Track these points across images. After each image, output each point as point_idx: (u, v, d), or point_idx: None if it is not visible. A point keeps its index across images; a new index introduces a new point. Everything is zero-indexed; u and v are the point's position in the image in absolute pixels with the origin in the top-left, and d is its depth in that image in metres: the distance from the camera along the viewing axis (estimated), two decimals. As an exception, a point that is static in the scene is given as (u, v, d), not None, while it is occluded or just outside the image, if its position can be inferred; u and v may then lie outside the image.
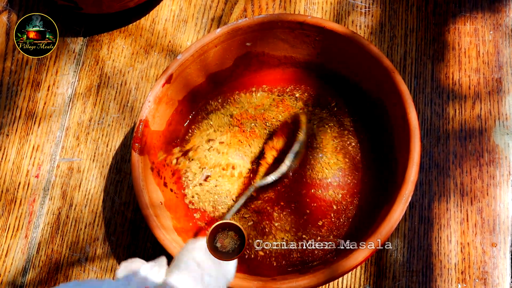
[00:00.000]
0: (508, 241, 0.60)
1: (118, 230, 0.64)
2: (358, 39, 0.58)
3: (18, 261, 0.64)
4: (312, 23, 0.60)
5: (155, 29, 0.73)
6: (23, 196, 0.67)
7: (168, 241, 0.54)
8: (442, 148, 0.64)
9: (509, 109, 0.64)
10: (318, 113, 0.63)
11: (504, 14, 0.68)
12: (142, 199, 0.56)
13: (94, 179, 0.67)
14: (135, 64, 0.71)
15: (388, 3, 0.70)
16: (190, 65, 0.61)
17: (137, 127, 0.59)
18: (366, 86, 0.61)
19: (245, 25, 0.61)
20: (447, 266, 0.60)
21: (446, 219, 0.61)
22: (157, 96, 0.60)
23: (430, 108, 0.65)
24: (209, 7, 0.73)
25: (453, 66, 0.67)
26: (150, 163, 0.59)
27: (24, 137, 0.70)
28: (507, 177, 0.62)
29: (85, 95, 0.71)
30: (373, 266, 0.60)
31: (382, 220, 0.53)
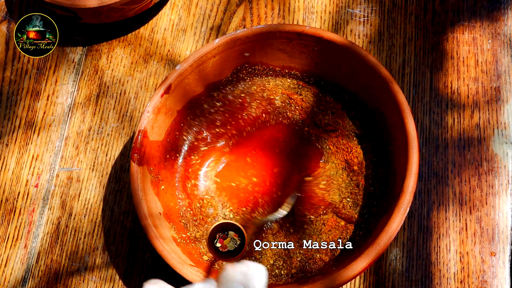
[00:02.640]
0: (507, 250, 0.60)
1: (118, 239, 0.64)
2: (355, 49, 0.58)
3: (18, 271, 0.64)
4: (310, 33, 0.60)
5: (154, 38, 0.73)
6: (23, 205, 0.67)
7: (167, 251, 0.55)
8: (441, 157, 0.64)
9: (507, 118, 0.65)
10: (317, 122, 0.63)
11: (502, 23, 0.68)
12: (141, 209, 0.56)
13: (93, 189, 0.67)
14: (134, 74, 0.72)
15: (387, 12, 0.71)
16: (189, 75, 0.61)
17: (136, 137, 0.59)
18: (364, 96, 0.61)
19: (243, 35, 0.61)
20: (446, 275, 0.60)
21: (445, 228, 0.61)
22: (156, 106, 0.60)
23: (429, 117, 0.65)
24: (208, 16, 0.73)
25: (452, 75, 0.67)
26: (149, 173, 0.59)
27: (23, 146, 0.70)
28: (506, 186, 0.62)
29: (84, 105, 0.71)
30: (372, 276, 0.60)
31: (381, 230, 0.53)
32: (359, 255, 0.52)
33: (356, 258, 0.52)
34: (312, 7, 0.72)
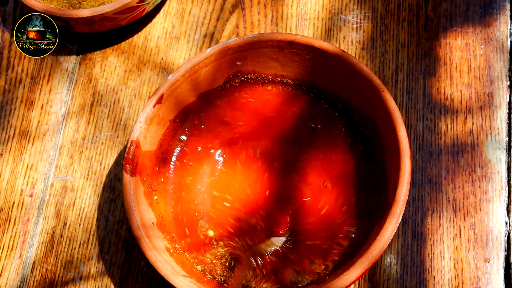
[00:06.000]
0: (501, 256, 0.60)
1: (112, 248, 0.64)
2: (347, 57, 0.59)
3: (13, 281, 0.65)
4: (301, 42, 0.60)
5: (147, 47, 0.73)
6: (17, 215, 0.67)
7: (160, 262, 0.55)
8: (435, 163, 0.64)
9: (501, 123, 0.65)
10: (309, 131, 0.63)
11: (495, 29, 0.68)
12: (134, 220, 0.56)
13: (88, 198, 0.67)
14: (128, 82, 0.72)
15: (380, 18, 0.71)
16: (181, 85, 0.61)
17: (128, 148, 0.59)
18: (357, 104, 0.61)
19: (235, 44, 0.61)
20: (440, 282, 0.60)
21: (439, 234, 0.61)
22: (148, 116, 0.60)
23: (422, 124, 0.66)
24: (201, 24, 0.73)
25: (445, 81, 0.67)
26: (142, 183, 0.59)
27: (18, 156, 0.70)
28: (499, 192, 0.62)
29: (78, 114, 0.71)
30: (366, 283, 0.60)
31: (373, 239, 0.53)
32: (352, 265, 0.52)
33: (349, 268, 0.52)
34: (305, 13, 0.72)
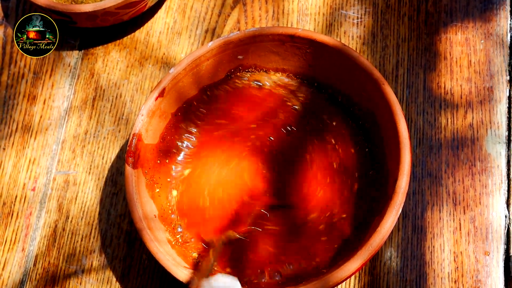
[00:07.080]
0: (501, 249, 0.61)
1: (114, 242, 0.65)
2: (348, 51, 0.59)
3: (15, 274, 0.65)
4: (302, 36, 0.60)
5: (149, 42, 0.74)
6: (20, 209, 0.68)
7: (162, 254, 0.55)
8: (435, 158, 0.64)
9: (500, 118, 0.65)
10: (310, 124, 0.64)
11: (495, 23, 0.68)
12: (136, 212, 0.57)
13: (90, 192, 0.67)
14: (130, 77, 0.72)
15: (380, 13, 0.71)
16: (183, 79, 0.62)
17: (130, 141, 0.60)
18: (357, 97, 0.61)
19: (236, 38, 0.61)
20: (440, 275, 0.60)
21: (439, 228, 0.62)
22: (150, 109, 0.60)
23: (423, 118, 0.66)
24: (202, 19, 0.74)
25: (445, 76, 0.67)
26: (143, 176, 0.60)
27: (20, 150, 0.70)
28: (499, 186, 0.63)
29: (80, 108, 0.71)
30: (366, 276, 0.61)
31: (373, 231, 0.53)
32: (352, 256, 0.53)
33: (349, 259, 0.52)
34: (306, 9, 0.72)
